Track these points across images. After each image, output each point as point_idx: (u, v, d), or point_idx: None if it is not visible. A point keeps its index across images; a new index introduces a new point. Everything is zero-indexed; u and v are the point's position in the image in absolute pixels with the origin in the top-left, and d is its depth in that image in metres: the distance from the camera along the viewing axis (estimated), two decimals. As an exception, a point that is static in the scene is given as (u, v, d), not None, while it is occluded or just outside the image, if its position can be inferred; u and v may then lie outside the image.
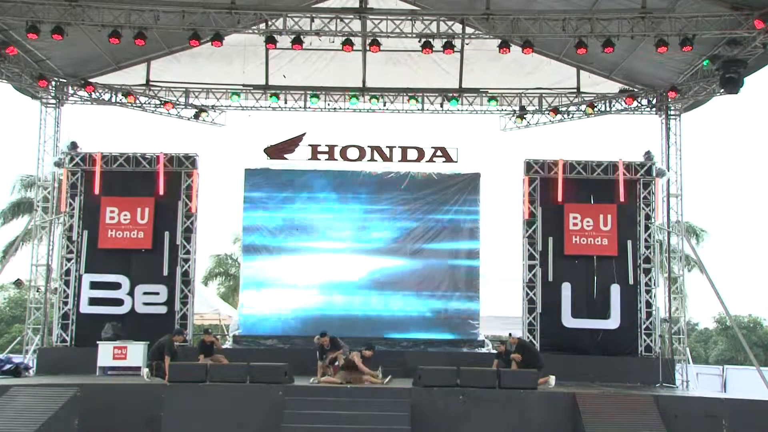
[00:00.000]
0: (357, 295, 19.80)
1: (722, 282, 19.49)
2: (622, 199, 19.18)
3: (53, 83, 19.71)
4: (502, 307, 21.51)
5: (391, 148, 19.96)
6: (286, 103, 21.04)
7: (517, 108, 21.08)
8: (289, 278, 19.96)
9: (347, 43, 16.46)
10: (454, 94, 20.72)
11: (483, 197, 20.26)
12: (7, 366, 16.60)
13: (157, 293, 18.91)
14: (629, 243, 19.05)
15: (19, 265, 21.16)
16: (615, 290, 18.87)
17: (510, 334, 16.28)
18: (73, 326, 18.83)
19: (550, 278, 18.97)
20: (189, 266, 19.22)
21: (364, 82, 20.83)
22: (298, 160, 20.02)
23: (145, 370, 15.40)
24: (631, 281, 18.94)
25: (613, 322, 18.79)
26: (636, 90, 20.25)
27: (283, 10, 16.44)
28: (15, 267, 21.34)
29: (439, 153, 19.99)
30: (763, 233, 63.47)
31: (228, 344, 19.26)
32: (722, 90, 17.30)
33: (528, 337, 18.51)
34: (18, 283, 20.57)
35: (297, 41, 16.38)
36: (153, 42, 18.01)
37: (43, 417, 11.85)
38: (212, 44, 16.36)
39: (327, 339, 15.98)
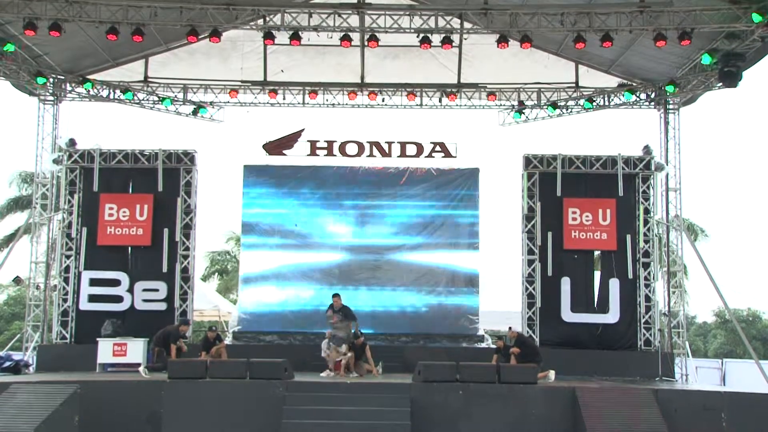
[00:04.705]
0: (357, 290, 19.79)
1: (721, 276, 19.51)
2: (621, 193, 19.17)
3: (51, 80, 19.67)
4: (501, 302, 21.51)
5: (389, 143, 19.93)
6: (284, 99, 21.03)
7: (515, 103, 21.08)
8: (289, 274, 19.97)
9: (345, 39, 16.45)
10: (453, 90, 20.73)
11: (482, 192, 20.27)
12: (7, 363, 16.61)
13: (157, 290, 18.89)
14: (628, 237, 19.04)
15: (18, 262, 21.15)
16: (614, 284, 18.88)
17: (510, 328, 16.32)
18: (72, 323, 18.83)
19: (550, 273, 18.95)
20: (188, 263, 19.23)
21: (362, 77, 20.81)
22: (296, 156, 19.98)
23: (142, 368, 15.37)
24: (630, 275, 18.94)
25: (612, 317, 18.81)
26: (634, 84, 20.24)
27: (281, 6, 16.39)
28: (14, 264, 21.32)
29: (438, 148, 19.97)
30: (762, 227, 63.53)
31: (228, 340, 19.25)
32: (721, 84, 17.29)
33: (527, 332, 18.51)
34: (17, 281, 20.56)
35: (295, 37, 16.38)
36: (151, 38, 17.96)
37: (43, 414, 11.81)
38: (210, 40, 16.36)
39: (339, 300, 16.02)
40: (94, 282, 18.88)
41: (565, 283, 18.90)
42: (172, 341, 15.18)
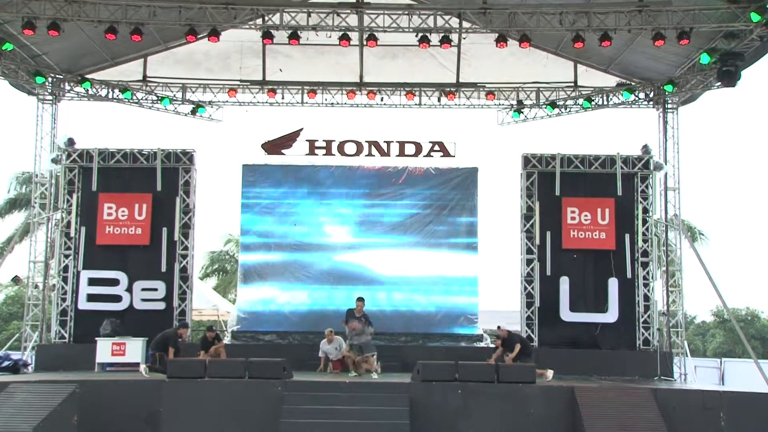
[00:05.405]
0: (355, 290, 19.75)
1: (720, 275, 19.51)
2: (619, 192, 19.18)
3: (49, 79, 19.65)
4: (500, 302, 21.55)
5: (388, 143, 19.94)
6: (283, 98, 21.02)
7: (514, 102, 21.08)
8: (287, 273, 19.98)
9: (344, 38, 16.45)
10: (452, 89, 20.73)
11: (481, 191, 20.31)
12: (6, 363, 16.61)
13: (156, 289, 18.90)
14: (627, 237, 19.06)
15: (16, 262, 21.16)
16: (613, 284, 18.89)
17: (498, 327, 16.16)
18: (71, 323, 18.82)
19: (548, 272, 18.96)
20: (187, 262, 19.22)
21: (361, 77, 20.81)
22: (295, 155, 20.02)
23: (143, 366, 15.40)
24: (629, 275, 18.95)
25: (611, 316, 18.82)
26: (633, 83, 20.24)
27: (280, 5, 16.40)
28: (13, 264, 21.34)
29: (436, 147, 19.99)
30: (761, 226, 63.58)
31: (226, 340, 19.25)
32: (720, 83, 17.30)
33: (526, 331, 18.55)
34: (16, 280, 20.55)
35: (294, 36, 16.38)
36: (149, 37, 17.96)
37: (42, 413, 11.80)
38: (209, 40, 16.36)
39: (363, 305, 15.95)
40: (92, 281, 18.89)
41: (564, 283, 18.91)
42: (171, 345, 15.15)
